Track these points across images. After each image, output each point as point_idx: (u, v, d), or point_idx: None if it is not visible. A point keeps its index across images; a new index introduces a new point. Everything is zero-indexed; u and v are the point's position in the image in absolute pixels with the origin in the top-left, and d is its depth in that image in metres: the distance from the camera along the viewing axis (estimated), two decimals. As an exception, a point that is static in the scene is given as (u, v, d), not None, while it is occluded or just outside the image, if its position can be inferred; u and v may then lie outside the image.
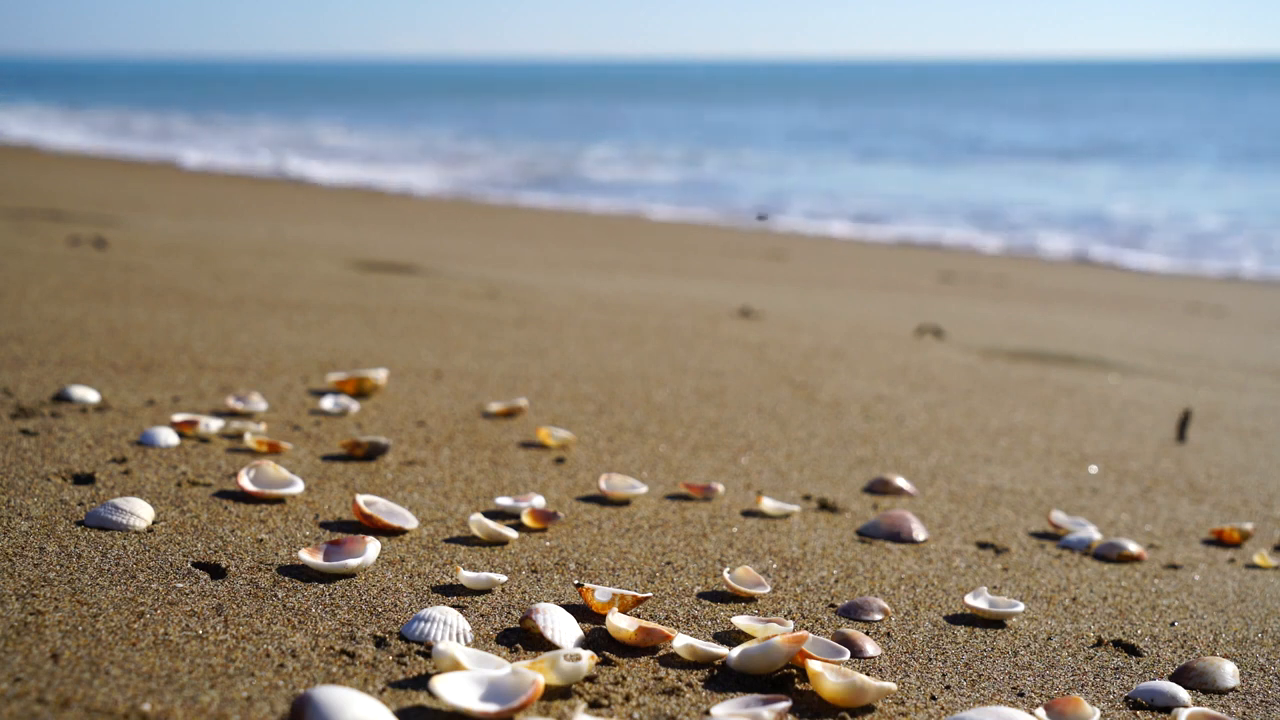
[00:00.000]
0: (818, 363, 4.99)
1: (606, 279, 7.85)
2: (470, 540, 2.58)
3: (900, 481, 3.28)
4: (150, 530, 2.42)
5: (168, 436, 3.03)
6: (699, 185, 19.86)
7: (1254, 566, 2.91)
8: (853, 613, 2.36)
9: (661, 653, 2.08)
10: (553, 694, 1.87)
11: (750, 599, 2.39)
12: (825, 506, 3.07)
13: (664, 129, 35.20)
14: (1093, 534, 2.97)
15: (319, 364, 4.11)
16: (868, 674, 2.08)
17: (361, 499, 2.59)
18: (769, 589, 2.43)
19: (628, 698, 1.89)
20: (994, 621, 2.38)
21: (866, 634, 2.24)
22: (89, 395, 3.37)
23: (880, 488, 3.25)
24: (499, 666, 1.88)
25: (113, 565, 2.21)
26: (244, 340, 4.40)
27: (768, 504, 2.96)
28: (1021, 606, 2.40)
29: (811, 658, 2.03)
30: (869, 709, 1.95)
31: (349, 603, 2.17)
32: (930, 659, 2.19)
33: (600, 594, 2.21)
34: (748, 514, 2.95)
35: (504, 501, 2.79)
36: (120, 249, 6.81)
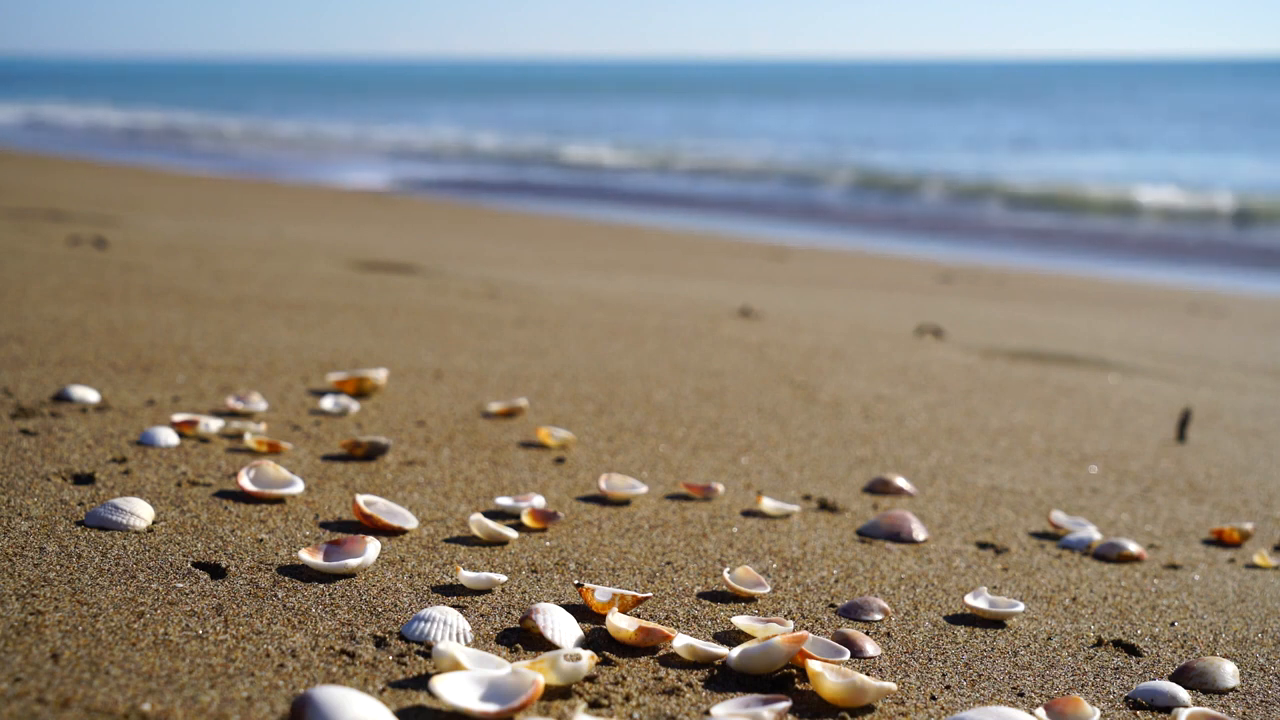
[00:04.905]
0: (818, 363, 4.99)
1: (606, 279, 7.85)
2: (470, 540, 2.58)
3: (900, 481, 3.28)
4: (150, 530, 2.42)
5: (168, 436, 3.03)
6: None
7: (1254, 566, 2.91)
8: (853, 613, 2.36)
9: (661, 653, 2.08)
10: (553, 694, 1.87)
11: (750, 599, 2.39)
12: (825, 506, 3.07)
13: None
14: (1093, 534, 2.97)
15: (319, 364, 4.11)
16: (868, 674, 2.08)
17: (361, 499, 2.59)
18: (769, 589, 2.43)
19: (628, 698, 1.89)
20: (994, 621, 2.38)
21: (866, 634, 2.24)
22: (89, 395, 3.37)
23: (880, 488, 3.25)
24: (499, 666, 1.88)
25: (113, 565, 2.21)
26: (244, 340, 4.40)
27: (768, 504, 2.96)
28: (1021, 606, 2.40)
29: (811, 658, 2.03)
30: (869, 709, 1.95)
31: (349, 603, 2.17)
32: (930, 659, 2.19)
33: (600, 594, 2.21)
34: (748, 514, 2.95)
35: (504, 501, 2.79)
36: (120, 249, 6.81)
